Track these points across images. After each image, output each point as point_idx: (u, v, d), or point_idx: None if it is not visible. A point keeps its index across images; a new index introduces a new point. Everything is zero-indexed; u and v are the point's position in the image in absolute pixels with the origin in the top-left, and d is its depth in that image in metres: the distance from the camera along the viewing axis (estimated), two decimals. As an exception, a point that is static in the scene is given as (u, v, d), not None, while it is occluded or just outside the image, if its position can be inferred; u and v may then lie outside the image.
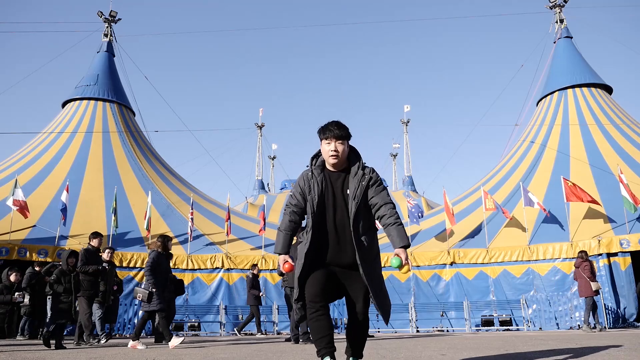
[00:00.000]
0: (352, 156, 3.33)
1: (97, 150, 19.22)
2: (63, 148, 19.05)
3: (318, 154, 3.37)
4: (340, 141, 3.21)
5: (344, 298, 3.33)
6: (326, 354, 3.03)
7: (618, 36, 77.35)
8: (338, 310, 14.75)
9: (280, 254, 3.31)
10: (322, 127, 3.27)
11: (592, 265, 11.92)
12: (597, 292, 11.75)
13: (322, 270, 3.19)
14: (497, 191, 18.15)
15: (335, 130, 3.21)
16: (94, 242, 8.77)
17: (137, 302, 13.93)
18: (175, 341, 7.30)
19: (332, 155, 3.20)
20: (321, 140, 3.27)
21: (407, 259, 3.10)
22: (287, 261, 3.24)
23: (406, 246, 3.15)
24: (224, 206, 18.45)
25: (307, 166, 3.36)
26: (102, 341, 8.94)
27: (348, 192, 3.21)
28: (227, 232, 16.42)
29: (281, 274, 8.90)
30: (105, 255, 9.56)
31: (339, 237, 3.20)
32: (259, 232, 16.89)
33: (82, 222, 15.98)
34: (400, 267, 3.07)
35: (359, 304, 3.19)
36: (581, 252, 12.15)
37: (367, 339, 3.53)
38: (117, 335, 13.60)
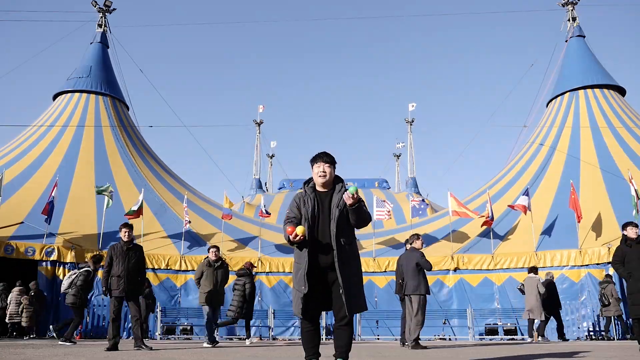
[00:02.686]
0: (336, 180, 4.17)
1: (89, 145, 18.97)
2: (53, 142, 18.78)
3: (310, 180, 4.18)
4: (327, 164, 4.05)
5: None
6: (313, 357, 3.94)
7: (632, 35, 76.31)
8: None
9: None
10: (313, 157, 4.12)
11: None
12: None
13: (316, 293, 3.87)
14: (504, 195, 17.95)
15: (324, 157, 4.08)
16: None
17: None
18: None
19: (320, 175, 4.04)
20: (312, 166, 4.11)
21: (357, 194, 3.86)
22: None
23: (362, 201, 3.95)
24: (220, 205, 18.01)
25: (301, 189, 4.21)
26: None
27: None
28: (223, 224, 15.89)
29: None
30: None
31: (322, 242, 3.93)
32: (259, 214, 17.81)
33: (72, 219, 15.88)
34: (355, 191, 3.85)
35: (342, 309, 3.84)
36: None
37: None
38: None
